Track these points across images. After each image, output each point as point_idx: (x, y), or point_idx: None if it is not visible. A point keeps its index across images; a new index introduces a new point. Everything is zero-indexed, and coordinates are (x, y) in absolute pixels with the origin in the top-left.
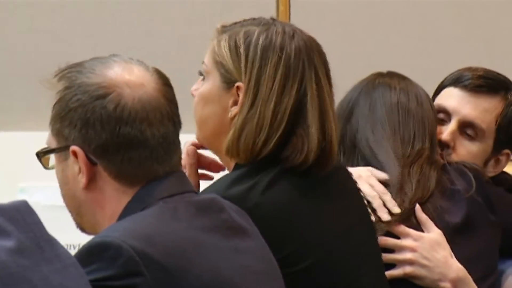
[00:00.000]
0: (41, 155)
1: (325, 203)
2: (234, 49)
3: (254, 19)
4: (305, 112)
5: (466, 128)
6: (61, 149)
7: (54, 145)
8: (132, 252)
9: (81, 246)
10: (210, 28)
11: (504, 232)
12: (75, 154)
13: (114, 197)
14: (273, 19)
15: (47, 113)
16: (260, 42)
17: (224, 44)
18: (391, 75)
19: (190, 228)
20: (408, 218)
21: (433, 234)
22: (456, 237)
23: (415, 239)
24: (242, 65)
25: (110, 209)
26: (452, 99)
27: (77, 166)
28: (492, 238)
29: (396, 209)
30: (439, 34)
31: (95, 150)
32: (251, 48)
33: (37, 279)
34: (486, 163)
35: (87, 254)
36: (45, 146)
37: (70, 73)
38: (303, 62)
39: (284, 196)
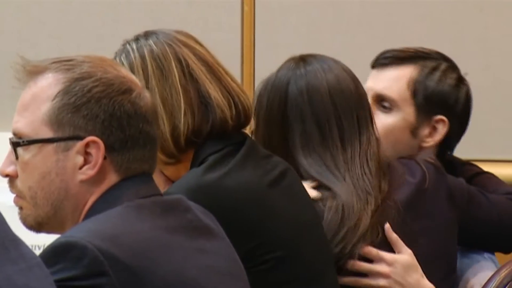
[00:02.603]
0: (25, 143)
1: (288, 197)
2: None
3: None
4: (198, 81)
5: (379, 102)
6: (66, 139)
7: (46, 135)
8: (97, 252)
9: (46, 246)
10: (175, 29)
11: (460, 224)
12: (87, 145)
13: (104, 189)
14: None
15: (10, 114)
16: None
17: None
18: (306, 60)
19: (155, 228)
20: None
21: (405, 256)
22: (418, 237)
23: (388, 264)
24: None
25: (91, 202)
26: (368, 81)
27: (81, 158)
28: (452, 234)
29: None
30: (403, 34)
31: (113, 144)
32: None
33: (1, 279)
34: (414, 133)
35: (52, 254)
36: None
37: (67, 66)
38: (167, 45)
39: (253, 184)
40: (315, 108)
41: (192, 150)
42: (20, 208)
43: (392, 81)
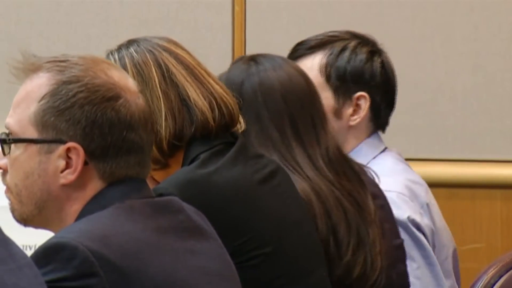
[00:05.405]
0: (11, 141)
1: (276, 195)
2: None
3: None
4: (178, 85)
5: None
6: (48, 141)
7: (31, 135)
8: (87, 253)
9: (37, 247)
10: (166, 29)
11: None
12: (69, 150)
13: (90, 194)
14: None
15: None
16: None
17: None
18: (256, 60)
19: (145, 229)
20: None
21: None
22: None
23: None
24: None
25: (77, 206)
26: None
27: (63, 162)
28: None
29: None
30: (394, 34)
31: (94, 151)
32: None
33: None
34: (338, 115)
35: (43, 255)
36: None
37: (59, 67)
38: (147, 51)
39: (243, 181)
40: (270, 108)
41: (180, 153)
42: (9, 199)
43: (306, 72)
